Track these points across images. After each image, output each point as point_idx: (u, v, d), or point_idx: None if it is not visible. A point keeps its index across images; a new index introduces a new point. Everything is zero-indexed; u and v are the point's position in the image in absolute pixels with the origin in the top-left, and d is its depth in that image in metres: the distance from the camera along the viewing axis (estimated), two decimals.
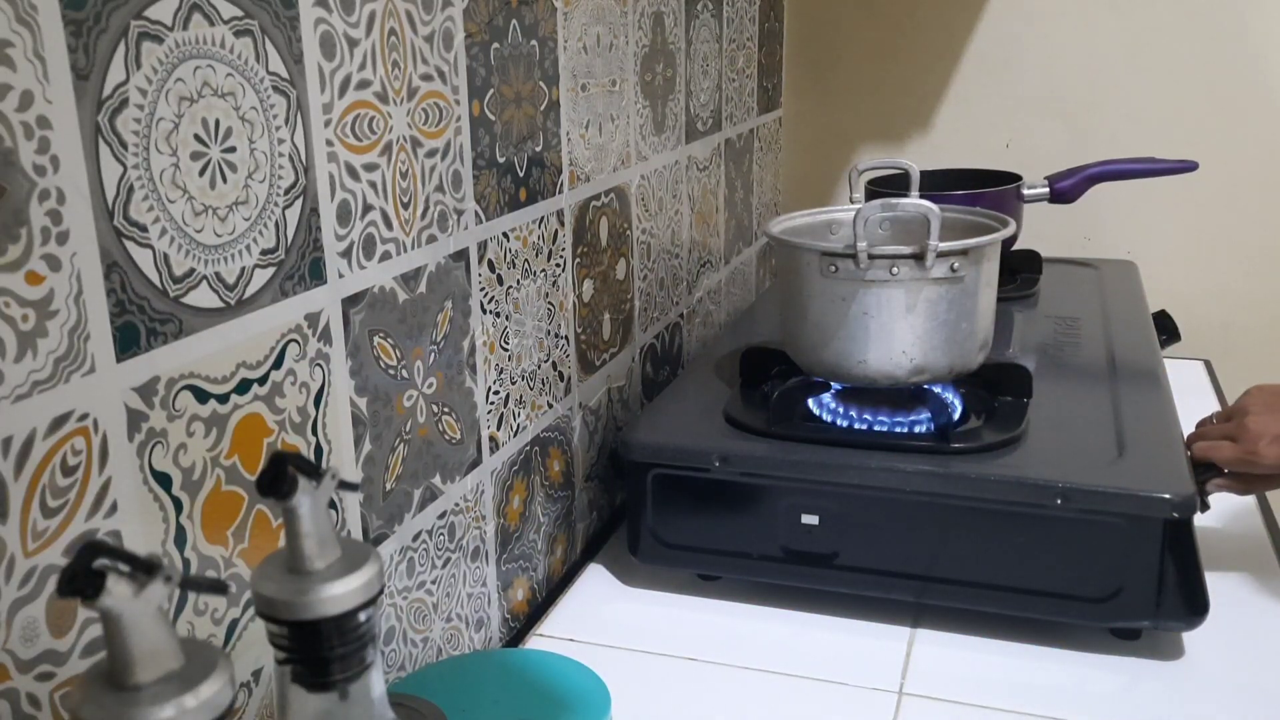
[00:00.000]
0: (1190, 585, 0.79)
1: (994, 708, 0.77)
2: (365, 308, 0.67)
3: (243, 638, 0.59)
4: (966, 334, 0.89)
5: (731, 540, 0.89)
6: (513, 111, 0.83)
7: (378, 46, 0.66)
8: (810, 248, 0.90)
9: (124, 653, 0.34)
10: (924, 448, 0.86)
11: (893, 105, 1.68)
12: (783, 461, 0.87)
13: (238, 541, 0.58)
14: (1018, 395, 0.94)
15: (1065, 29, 1.58)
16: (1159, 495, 0.78)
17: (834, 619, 0.89)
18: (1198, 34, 1.53)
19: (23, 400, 0.45)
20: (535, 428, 0.92)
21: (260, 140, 0.57)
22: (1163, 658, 0.82)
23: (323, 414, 0.64)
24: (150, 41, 0.50)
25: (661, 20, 1.14)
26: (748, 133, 1.52)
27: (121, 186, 0.49)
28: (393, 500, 0.72)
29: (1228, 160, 1.53)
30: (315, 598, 0.40)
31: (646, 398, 1.18)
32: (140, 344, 0.50)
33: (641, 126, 1.11)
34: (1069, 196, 1.36)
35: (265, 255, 0.58)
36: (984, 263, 0.89)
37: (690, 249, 1.30)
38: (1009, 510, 0.82)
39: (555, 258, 0.93)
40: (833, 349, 0.90)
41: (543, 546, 0.95)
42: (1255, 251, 1.56)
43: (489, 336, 0.83)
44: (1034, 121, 1.62)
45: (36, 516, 0.46)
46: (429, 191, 0.73)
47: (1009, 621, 0.85)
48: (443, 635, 0.79)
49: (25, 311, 0.45)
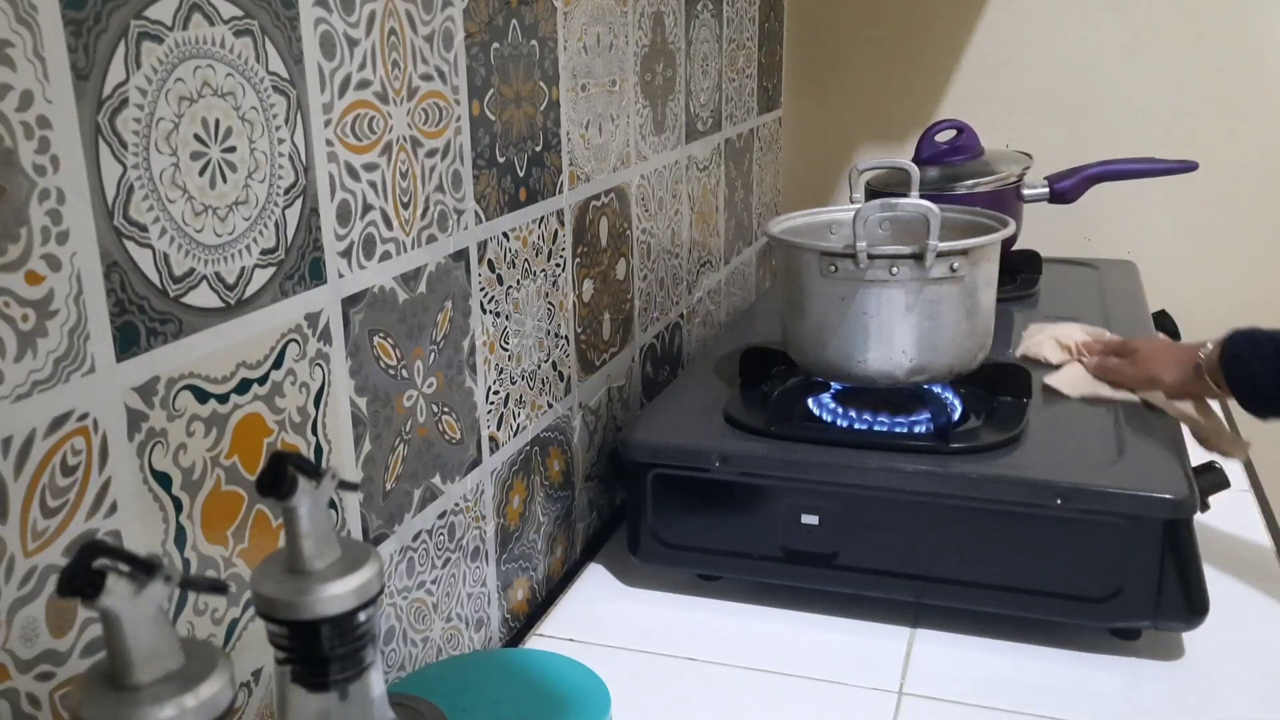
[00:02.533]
0: (1190, 585, 0.79)
1: (994, 708, 0.77)
2: (365, 308, 0.67)
3: (243, 638, 0.59)
4: (966, 334, 0.89)
5: (731, 540, 0.89)
6: (513, 111, 0.83)
7: (378, 46, 0.66)
8: (810, 248, 0.90)
9: (124, 653, 0.34)
10: (924, 448, 0.86)
11: (893, 105, 1.68)
12: (783, 461, 0.87)
13: (238, 541, 0.58)
14: (1017, 395, 0.94)
15: (1065, 29, 1.58)
16: (1159, 495, 0.78)
17: (834, 619, 0.89)
18: (1198, 34, 1.53)
19: (23, 400, 0.45)
20: (535, 428, 0.92)
21: (260, 140, 0.57)
22: (1163, 658, 0.82)
23: (323, 414, 0.64)
24: (150, 41, 0.50)
25: (661, 20, 1.14)
26: (748, 133, 1.52)
27: (121, 186, 0.49)
28: (393, 500, 0.72)
29: (1228, 160, 1.53)
30: (315, 598, 0.40)
31: (646, 398, 1.18)
32: (140, 344, 0.50)
33: (641, 126, 1.11)
34: (1069, 196, 1.36)
35: (265, 255, 0.58)
36: (984, 263, 0.89)
37: (690, 249, 1.30)
38: (1009, 510, 0.82)
39: (555, 258, 0.93)
40: (833, 349, 0.90)
41: (543, 546, 0.95)
42: (1255, 251, 1.56)
43: (489, 336, 0.83)
44: (1034, 121, 1.62)
45: (36, 516, 0.46)
46: (429, 191, 0.73)
47: (1009, 621, 0.85)
48: (443, 635, 0.79)
49: (25, 311, 0.45)
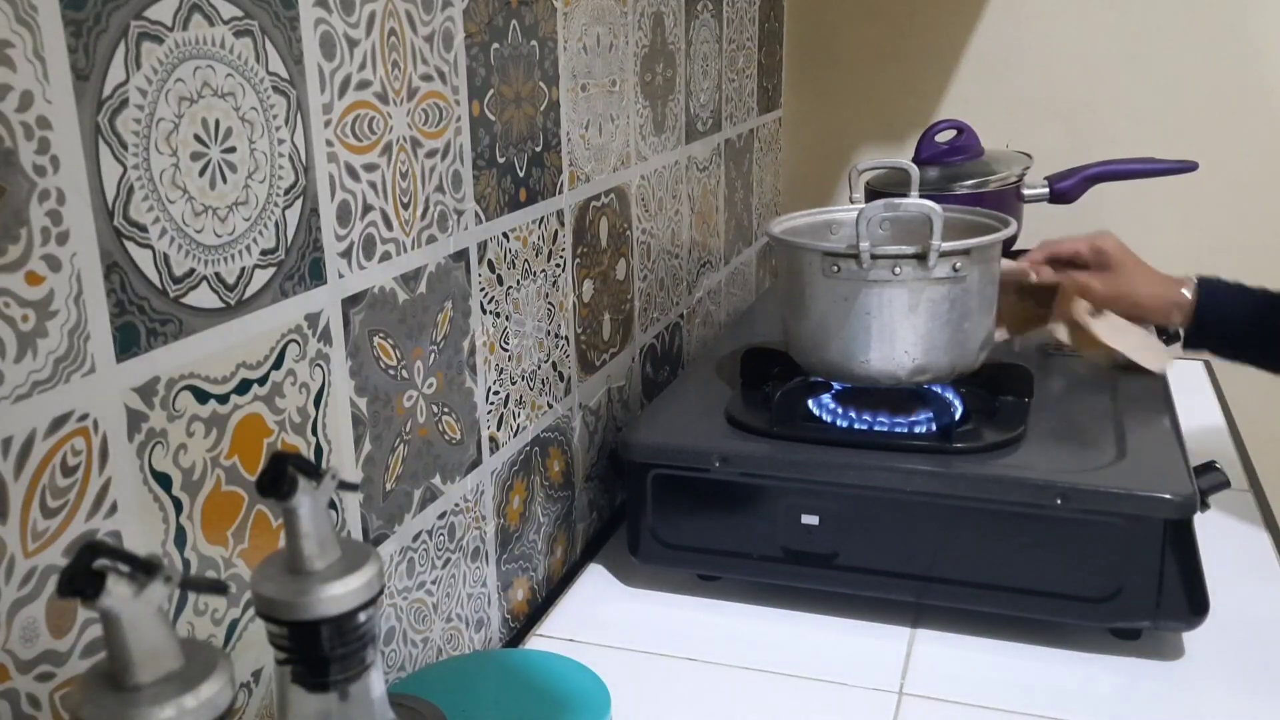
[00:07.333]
0: (1190, 585, 0.79)
1: (994, 708, 0.77)
2: (365, 308, 0.67)
3: (243, 638, 0.59)
4: (968, 334, 0.89)
5: (732, 540, 0.89)
6: (513, 111, 0.83)
7: (378, 47, 0.66)
8: (813, 248, 0.90)
9: (124, 653, 0.34)
10: (925, 448, 0.86)
11: (893, 105, 1.68)
12: (783, 462, 0.87)
13: (238, 542, 0.58)
14: (1019, 395, 0.94)
15: (1065, 29, 1.58)
16: (1159, 495, 0.78)
17: (834, 619, 0.89)
18: (1198, 34, 1.53)
19: (23, 400, 0.45)
20: (535, 428, 0.92)
21: (260, 140, 0.57)
22: (1163, 658, 0.82)
23: (323, 414, 0.64)
24: (150, 42, 0.50)
25: (661, 20, 1.14)
26: (748, 133, 1.52)
27: (121, 187, 0.49)
28: (393, 500, 0.71)
29: (1228, 160, 1.53)
30: (315, 598, 0.40)
31: (646, 398, 1.18)
32: (140, 344, 0.50)
33: (641, 127, 1.11)
34: (1069, 196, 1.36)
35: (265, 255, 0.58)
36: (986, 262, 0.89)
37: (690, 249, 1.30)
38: (1009, 510, 0.82)
39: (555, 258, 0.93)
40: (835, 349, 0.90)
41: (543, 547, 0.95)
42: (1255, 251, 1.56)
43: (489, 337, 0.82)
44: (1034, 121, 1.62)
45: (36, 517, 0.46)
46: (429, 192, 0.73)
47: (1009, 621, 0.85)
48: (443, 635, 0.79)
49: (25, 312, 0.45)
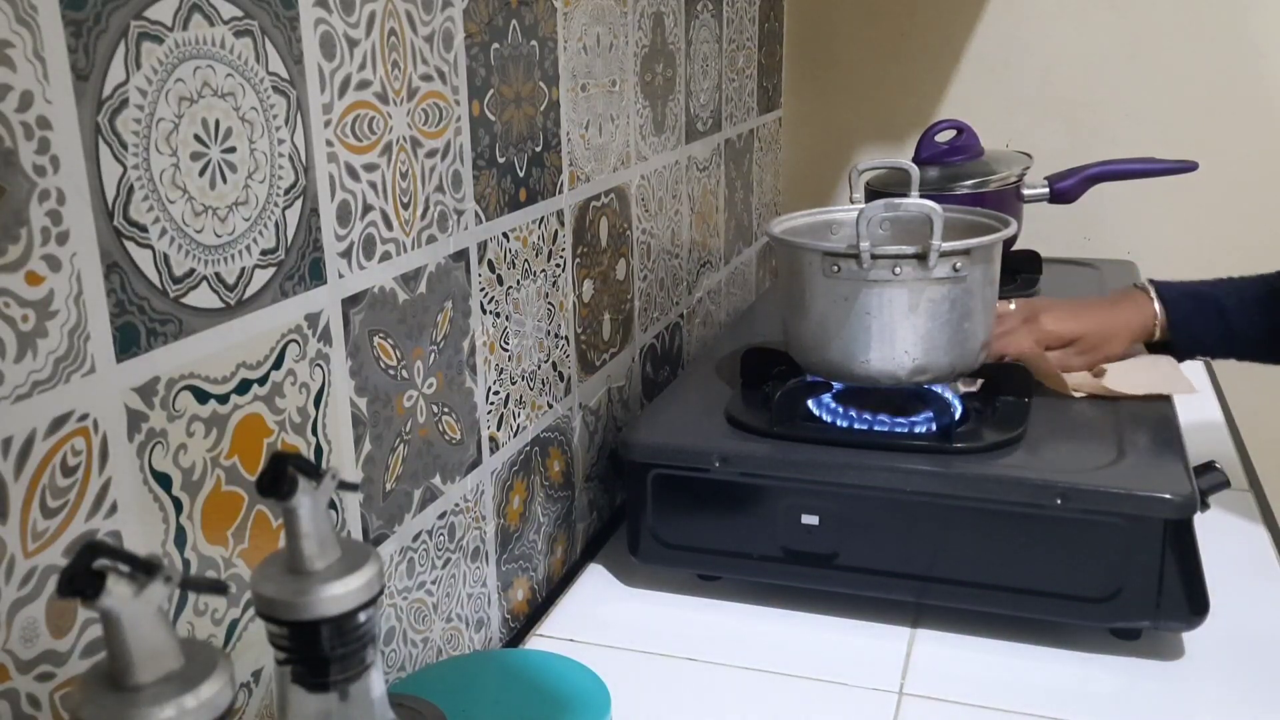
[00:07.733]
0: (1190, 585, 0.79)
1: (994, 708, 0.77)
2: (365, 308, 0.67)
3: (243, 638, 0.59)
4: (968, 334, 0.89)
5: (732, 540, 0.89)
6: (513, 111, 0.83)
7: (378, 47, 0.66)
8: (813, 248, 0.90)
9: (124, 653, 0.34)
10: (925, 447, 0.86)
11: (893, 105, 1.68)
12: (783, 462, 0.87)
13: (238, 542, 0.58)
14: (1018, 395, 0.94)
15: (1065, 29, 1.58)
16: (1159, 495, 0.78)
17: (834, 619, 0.89)
18: (1198, 34, 1.53)
19: (23, 400, 0.45)
20: (535, 428, 0.92)
21: (260, 140, 0.57)
22: (1163, 658, 0.82)
23: (323, 414, 0.64)
24: (150, 42, 0.50)
25: (661, 20, 1.14)
26: (748, 133, 1.52)
27: (121, 187, 0.49)
28: (393, 500, 0.71)
29: (1228, 160, 1.53)
30: (315, 598, 0.40)
31: (646, 398, 1.18)
32: (140, 344, 0.50)
33: (641, 127, 1.11)
34: (1069, 196, 1.36)
35: (265, 255, 0.58)
36: (986, 262, 0.89)
37: (690, 249, 1.30)
38: (1009, 510, 0.82)
39: (555, 258, 0.93)
40: (835, 349, 0.90)
41: (543, 547, 0.95)
42: (1255, 251, 1.56)
43: (489, 337, 0.82)
44: (1034, 121, 1.62)
45: (36, 517, 0.46)
46: (429, 192, 0.73)
47: (1009, 621, 0.85)
48: (443, 635, 0.79)
49: (25, 312, 0.45)
